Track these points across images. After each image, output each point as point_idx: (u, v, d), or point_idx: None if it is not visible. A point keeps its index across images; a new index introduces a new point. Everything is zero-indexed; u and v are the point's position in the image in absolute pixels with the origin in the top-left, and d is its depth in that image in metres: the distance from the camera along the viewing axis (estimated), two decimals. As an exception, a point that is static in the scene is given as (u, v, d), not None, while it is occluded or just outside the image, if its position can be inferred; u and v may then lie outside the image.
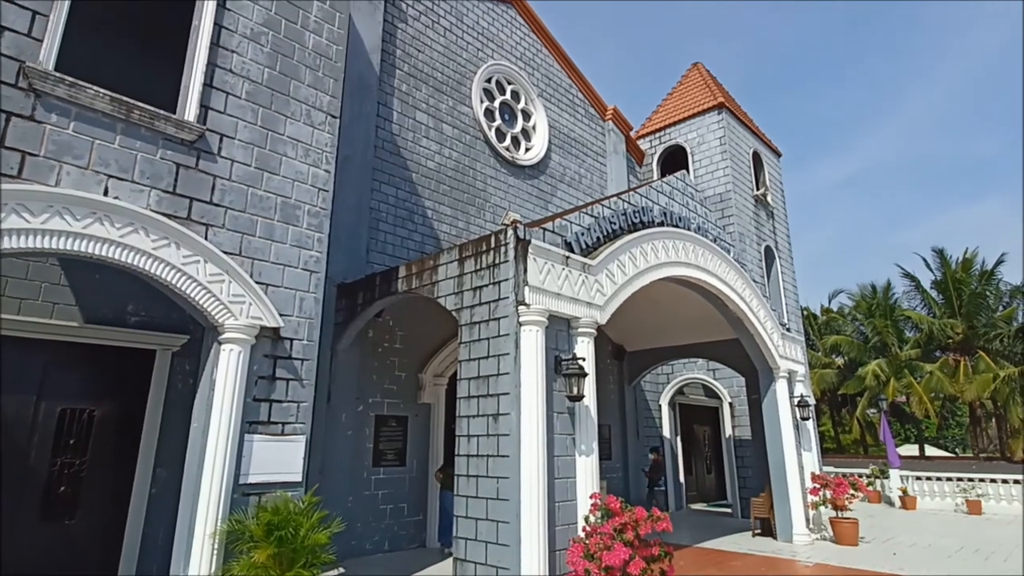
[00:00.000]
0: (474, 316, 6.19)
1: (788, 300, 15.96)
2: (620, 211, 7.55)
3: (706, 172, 15.46)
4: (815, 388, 25.62)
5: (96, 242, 4.36)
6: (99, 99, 4.54)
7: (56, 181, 4.31)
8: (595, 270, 6.70)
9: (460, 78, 11.25)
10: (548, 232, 6.44)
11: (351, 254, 8.50)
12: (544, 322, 5.88)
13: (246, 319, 5.03)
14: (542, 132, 12.79)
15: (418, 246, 9.61)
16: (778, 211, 17.03)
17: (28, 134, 4.24)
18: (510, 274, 5.92)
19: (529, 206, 11.94)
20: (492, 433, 5.71)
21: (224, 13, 5.52)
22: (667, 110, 17.12)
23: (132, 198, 4.65)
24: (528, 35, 13.17)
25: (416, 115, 10.22)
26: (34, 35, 4.37)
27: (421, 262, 7.15)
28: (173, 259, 4.72)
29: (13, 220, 4.02)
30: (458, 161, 10.77)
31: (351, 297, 8.03)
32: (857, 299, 29.27)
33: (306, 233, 5.74)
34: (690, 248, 8.35)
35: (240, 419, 4.90)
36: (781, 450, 9.48)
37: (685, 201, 8.91)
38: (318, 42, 6.24)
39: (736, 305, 9.12)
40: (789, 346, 10.26)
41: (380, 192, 9.30)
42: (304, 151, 5.88)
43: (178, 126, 4.97)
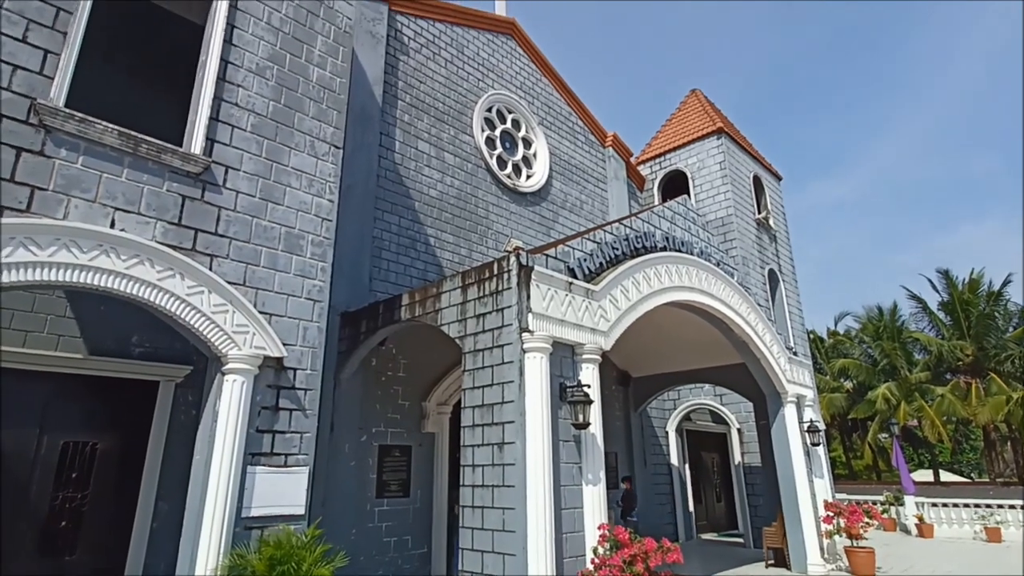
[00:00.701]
0: (477, 343, 6.17)
1: (794, 323, 15.87)
2: (622, 236, 7.57)
3: (707, 196, 15.54)
4: (824, 413, 25.29)
5: (102, 274, 4.39)
6: (107, 134, 4.62)
7: (64, 214, 4.36)
8: (598, 296, 6.69)
9: (461, 107, 11.43)
10: (551, 258, 6.46)
11: (354, 283, 8.52)
12: (548, 349, 5.85)
13: (249, 349, 5.02)
14: (543, 159, 12.93)
15: (421, 274, 9.63)
16: (780, 234, 17.06)
17: (38, 169, 4.31)
18: (513, 301, 5.92)
19: (531, 233, 12.00)
20: (497, 462, 5.63)
21: (231, 49, 5.65)
22: (666, 136, 17.31)
23: (138, 230, 4.70)
24: (527, 65, 13.42)
25: (418, 144, 10.36)
26: (45, 73, 4.47)
27: (424, 290, 7.16)
28: (178, 290, 4.74)
29: (21, 253, 4.06)
30: (460, 189, 10.87)
31: (354, 326, 8.03)
32: (864, 321, 29.10)
33: (309, 262, 5.77)
34: (693, 272, 8.34)
35: (243, 451, 4.85)
36: (792, 477, 9.31)
37: (687, 226, 8.94)
38: (322, 75, 6.36)
39: (741, 329, 9.07)
40: (797, 370, 10.16)
41: (383, 221, 9.37)
42: (308, 181, 5.95)
43: (184, 159, 5.04)
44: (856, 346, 29.11)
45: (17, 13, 4.42)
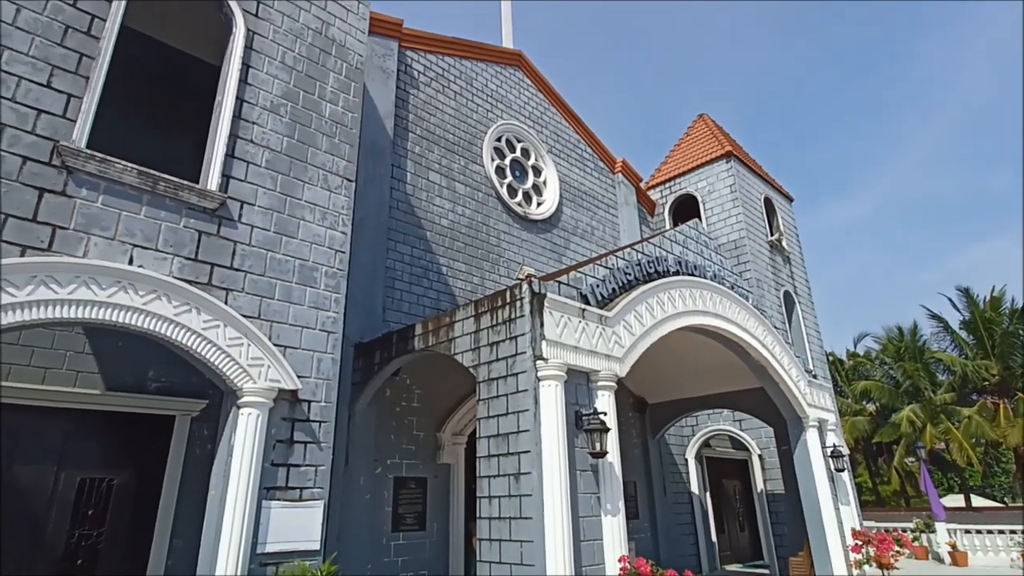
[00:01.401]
0: (492, 372, 6.13)
1: (812, 346, 15.63)
2: (634, 262, 7.55)
3: (718, 220, 15.51)
4: (848, 437, 24.70)
5: (120, 310, 4.45)
6: (127, 173, 4.73)
7: (84, 252, 4.44)
8: (612, 322, 6.64)
9: (471, 138, 11.60)
10: (563, 285, 6.44)
11: (367, 313, 8.56)
12: (563, 376, 5.79)
13: (264, 382, 5.03)
14: (553, 187, 13.02)
15: (434, 303, 9.65)
16: (794, 256, 16.93)
17: (59, 209, 4.41)
18: (527, 328, 5.89)
19: (543, 260, 12.02)
20: (514, 494, 5.53)
21: (246, 88, 5.80)
22: (675, 160, 17.39)
23: (156, 266, 4.77)
24: (535, 95, 13.62)
25: (429, 175, 10.49)
26: (68, 116, 4.61)
27: (437, 319, 7.16)
28: (194, 324, 4.78)
29: (42, 291, 4.13)
30: (471, 218, 10.95)
31: (368, 356, 8.03)
32: (884, 342, 28.56)
33: (323, 294, 5.81)
34: (707, 296, 8.28)
35: (258, 485, 4.82)
36: (817, 505, 9.05)
37: (699, 249, 8.91)
38: (334, 111, 6.50)
39: (758, 352, 8.94)
40: (817, 393, 9.96)
41: (395, 251, 9.44)
42: (321, 214, 6.03)
43: (201, 195, 5.14)
44: (877, 367, 28.53)
45: (43, 60, 4.59)
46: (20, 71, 4.46)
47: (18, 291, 4.04)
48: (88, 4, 4.95)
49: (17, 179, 4.27)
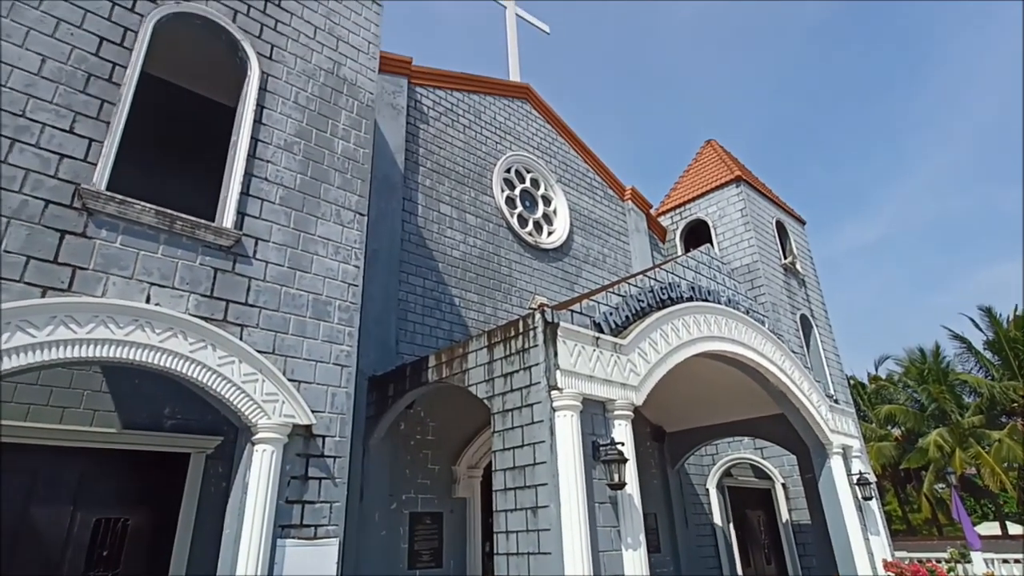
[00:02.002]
0: (506, 403, 6.07)
1: (832, 370, 15.34)
2: (647, 288, 7.51)
3: (730, 244, 15.45)
4: (874, 463, 24.02)
5: (137, 348, 4.49)
6: (145, 213, 4.83)
7: (103, 292, 4.51)
8: (627, 350, 6.58)
9: (481, 170, 11.74)
10: (576, 313, 6.42)
11: (381, 346, 8.56)
12: (578, 406, 5.72)
13: (279, 418, 5.01)
14: (563, 216, 13.09)
15: (447, 334, 9.64)
16: (809, 278, 16.77)
17: (79, 250, 4.50)
18: (540, 358, 5.85)
19: (555, 288, 12.00)
20: (532, 528, 5.41)
21: (260, 128, 5.94)
22: (685, 186, 17.44)
23: (172, 303, 4.82)
24: (543, 126, 13.82)
25: (440, 207, 10.61)
26: (89, 159, 4.74)
27: (450, 350, 7.14)
28: (209, 361, 4.80)
29: (62, 331, 4.19)
30: (482, 249, 11.01)
31: (382, 390, 8.00)
32: (906, 364, 27.98)
33: (337, 328, 5.82)
34: (722, 322, 8.19)
35: (272, 523, 4.76)
36: (846, 535, 8.74)
37: (712, 275, 8.86)
38: (346, 147, 6.62)
39: (777, 378, 8.78)
40: (839, 419, 9.73)
41: (407, 283, 9.49)
42: (334, 249, 6.09)
43: (217, 233, 5.22)
44: (901, 391, 27.89)
45: (66, 107, 4.75)
46: (44, 118, 4.62)
47: (38, 331, 4.09)
48: (110, 52, 5.13)
49: (39, 222, 4.38)
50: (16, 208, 4.30)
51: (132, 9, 5.39)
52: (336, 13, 7.14)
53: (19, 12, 4.73)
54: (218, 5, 6.04)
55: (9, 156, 4.37)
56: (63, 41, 4.89)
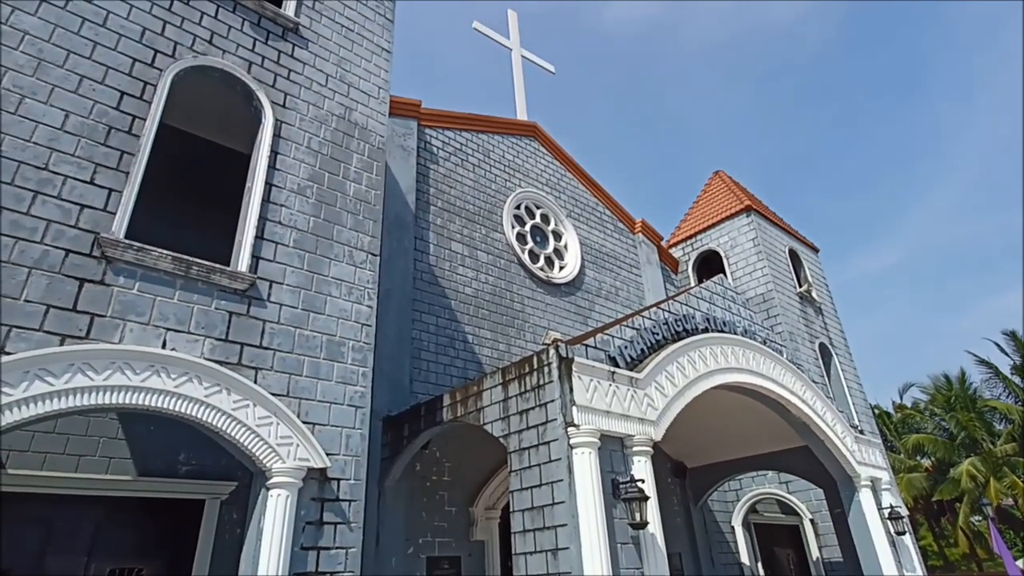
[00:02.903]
0: (522, 442, 5.97)
1: (855, 399, 14.98)
2: (661, 321, 7.44)
3: (744, 274, 15.35)
4: (905, 496, 23.18)
5: (153, 394, 4.49)
6: (162, 259, 4.91)
7: (120, 338, 4.55)
8: (643, 383, 6.48)
9: (491, 207, 11.86)
10: (590, 348, 6.35)
11: (395, 386, 8.51)
12: (596, 443, 5.61)
13: (294, 461, 4.96)
14: (574, 250, 13.12)
15: (461, 372, 9.58)
16: (826, 306, 16.55)
17: (98, 297, 4.57)
18: (556, 394, 5.77)
19: (568, 323, 11.94)
20: (552, 572, 5.24)
21: (274, 173, 6.07)
22: (695, 218, 17.47)
23: (188, 348, 4.85)
24: (552, 162, 13.99)
25: (451, 245, 10.69)
26: (109, 209, 4.85)
27: (465, 389, 7.08)
28: (224, 405, 4.79)
29: (79, 379, 4.21)
30: (495, 285, 11.03)
31: (397, 430, 7.92)
32: (932, 392, 27.25)
33: (351, 368, 5.81)
34: (739, 352, 8.06)
35: (288, 572, 4.66)
36: (880, 573, 8.37)
37: (727, 305, 8.77)
38: (358, 189, 6.73)
39: (798, 409, 8.58)
40: (866, 450, 9.44)
41: (420, 322, 9.49)
42: (348, 289, 6.13)
43: (232, 277, 5.28)
44: (928, 419, 27.09)
45: (87, 159, 4.89)
46: (66, 170, 4.75)
47: (56, 379, 4.12)
48: (130, 106, 5.31)
49: (60, 271, 4.46)
50: (37, 258, 4.39)
51: (152, 64, 5.60)
52: (347, 61, 7.37)
53: (45, 71, 4.93)
54: (234, 58, 6.26)
55: (32, 208, 4.49)
56: (86, 97, 5.07)
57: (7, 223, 4.34)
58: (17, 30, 4.88)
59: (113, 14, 5.50)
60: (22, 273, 4.29)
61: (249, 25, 6.54)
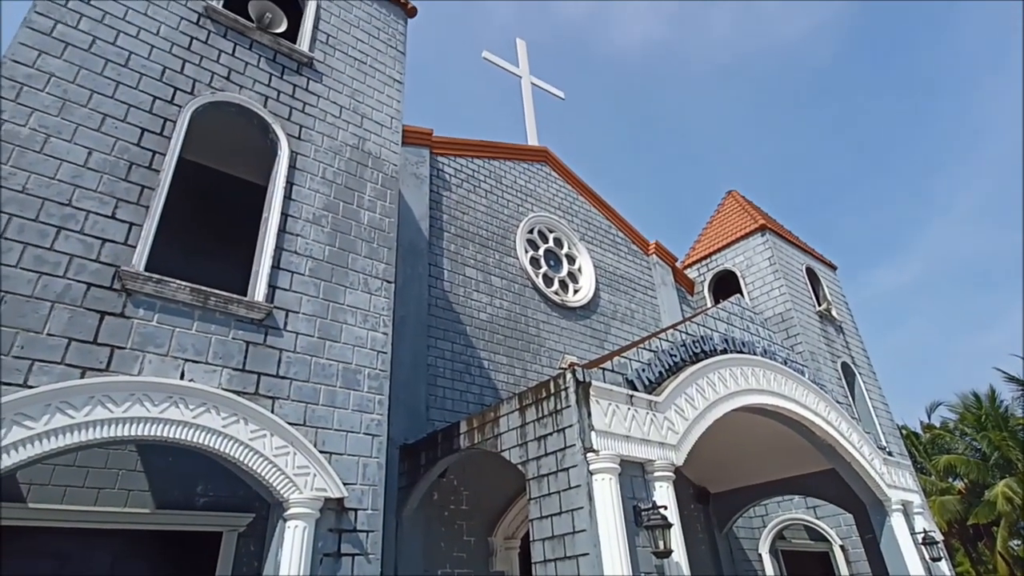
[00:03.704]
0: (541, 468, 5.87)
1: (881, 420, 14.60)
2: (679, 343, 7.35)
3: (761, 294, 15.18)
4: (938, 520, 22.39)
5: (172, 425, 4.50)
6: (181, 291, 4.97)
7: (139, 370, 4.59)
8: (662, 407, 6.37)
9: (504, 232, 11.91)
10: (608, 371, 6.28)
11: (411, 413, 8.46)
12: (616, 468, 5.49)
13: (311, 492, 4.92)
14: (588, 273, 13.09)
15: (477, 399, 9.51)
16: (847, 324, 16.27)
17: (118, 330, 4.62)
18: (574, 419, 5.69)
19: (584, 347, 11.85)
20: (574, 603, 5.10)
21: (290, 203, 6.16)
22: (709, 238, 17.38)
23: (205, 379, 4.87)
24: (563, 187, 14.06)
25: (465, 271, 10.71)
26: (129, 242, 4.94)
27: (482, 415, 7.01)
28: (241, 435, 4.78)
29: (99, 411, 4.24)
30: (509, 310, 11.01)
31: (413, 458, 7.84)
32: (960, 411, 26.47)
33: (367, 396, 5.79)
34: (760, 373, 7.91)
35: (303, 605, 4.58)
36: (917, 601, 8.03)
37: (745, 325, 8.65)
38: (372, 218, 6.80)
39: (823, 430, 8.37)
40: (895, 472, 9.15)
41: (436, 348, 9.47)
42: (363, 317, 6.14)
43: (249, 307, 5.32)
44: (958, 439, 26.28)
45: (109, 194, 5.00)
46: (88, 206, 4.86)
47: (77, 412, 4.15)
48: (150, 142, 5.45)
49: (81, 305, 4.52)
50: (60, 292, 4.47)
51: (171, 101, 5.76)
52: (360, 93, 7.52)
53: (69, 110, 5.08)
54: (250, 93, 6.42)
55: (55, 243, 4.59)
56: (108, 134, 5.22)
57: (31, 258, 4.44)
58: (43, 72, 5.06)
59: (135, 54, 5.68)
60: (45, 307, 4.36)
61: (265, 61, 6.72)
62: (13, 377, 4.07)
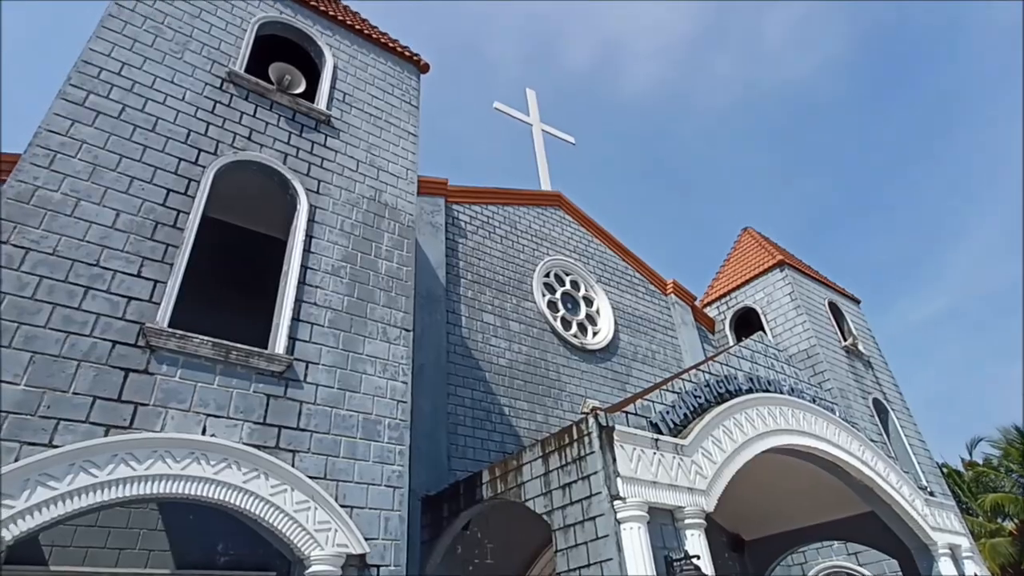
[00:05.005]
0: (567, 518, 5.69)
1: (919, 458, 14.02)
2: (702, 383, 7.20)
3: (784, 330, 14.92)
4: (990, 564, 21.12)
5: (193, 482, 4.47)
6: (203, 346, 5.02)
7: (161, 426, 4.60)
8: (689, 450, 6.19)
9: (520, 277, 11.95)
10: (631, 415, 6.15)
11: (432, 463, 8.32)
12: (645, 516, 5.30)
13: (332, 548, 4.81)
14: (607, 315, 13.01)
15: (499, 447, 9.35)
16: (875, 359, 15.85)
17: (142, 387, 4.66)
18: (598, 466, 5.54)
19: (606, 390, 11.66)
20: (607, 663, 4.84)
21: (309, 256, 6.27)
22: (727, 276, 17.26)
23: (227, 433, 4.86)
24: (578, 230, 14.15)
25: (483, 317, 10.71)
26: (154, 299, 5.04)
27: (504, 464, 6.87)
28: (262, 491, 4.73)
29: (122, 469, 4.24)
30: (528, 355, 10.93)
31: (436, 511, 7.67)
32: (1003, 446, 25.33)
33: (387, 447, 5.72)
34: (788, 413, 7.69)
35: (325, 669, 4.41)
36: (975, 654, 7.50)
37: (769, 363, 8.47)
38: (390, 267, 6.88)
39: (859, 471, 8.04)
40: (939, 514, 8.71)
41: (456, 396, 9.39)
42: (382, 366, 6.14)
43: (269, 360, 5.35)
44: (1004, 476, 25.06)
45: (135, 254, 5.14)
46: (116, 265, 4.99)
47: (100, 471, 4.15)
48: (175, 201, 5.63)
49: (107, 362, 4.59)
50: (86, 351, 4.54)
51: (196, 162, 5.98)
52: (376, 147, 7.74)
53: (99, 175, 5.29)
54: (271, 151, 6.64)
55: (83, 303, 4.70)
56: (135, 196, 5.41)
57: (60, 319, 4.54)
58: (76, 140, 5.30)
59: (162, 119, 5.94)
60: (71, 366, 4.43)
61: (285, 120, 6.98)
62: (39, 437, 4.10)
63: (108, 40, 5.95)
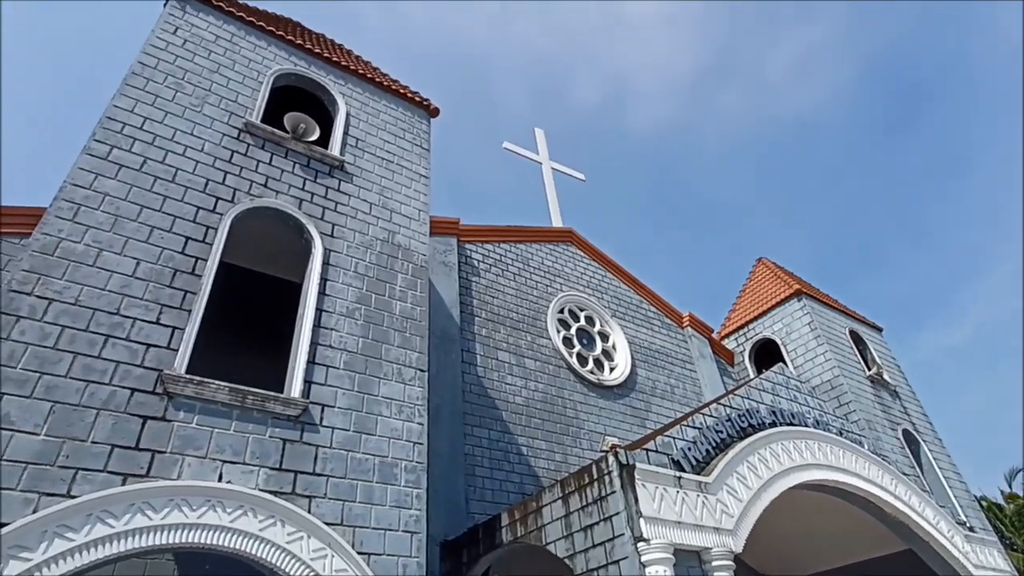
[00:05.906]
0: (590, 562, 5.51)
1: (955, 491, 13.47)
2: (724, 417, 7.04)
3: (805, 361, 14.63)
4: (1038, 602, 19.97)
5: (209, 531, 4.42)
6: (220, 391, 5.03)
7: (178, 474, 4.57)
8: (713, 488, 6.01)
9: (535, 314, 11.92)
10: (651, 452, 6.01)
11: (450, 506, 8.15)
12: (671, 559, 5.12)
13: (348, 597, 4.69)
14: (623, 350, 12.87)
15: (517, 487, 9.15)
16: (902, 388, 15.43)
17: (159, 434, 4.66)
18: (620, 506, 5.39)
19: (625, 427, 11.44)
20: None
21: (324, 298, 6.31)
22: (744, 307, 17.07)
23: (243, 480, 4.82)
24: (591, 265, 14.16)
25: (498, 355, 10.65)
26: (172, 346, 5.09)
27: (524, 506, 6.71)
28: (278, 539, 4.66)
29: (139, 519, 4.21)
30: (545, 392, 10.80)
31: (455, 557, 7.47)
32: (1042, 476, 24.29)
33: (404, 491, 5.62)
34: (815, 447, 7.47)
35: None
36: None
37: (792, 395, 8.28)
38: (404, 307, 6.90)
39: (892, 507, 7.73)
40: (981, 550, 8.32)
41: (472, 436, 9.27)
42: (398, 408, 6.09)
43: (285, 404, 5.34)
44: (1046, 508, 23.94)
45: (154, 301, 5.22)
46: (135, 313, 5.07)
47: (117, 521, 4.12)
48: (193, 249, 5.74)
49: (125, 410, 4.61)
50: (105, 399, 4.57)
51: (214, 210, 6.11)
52: (389, 190, 7.88)
53: (121, 225, 5.43)
54: (286, 197, 6.79)
55: (103, 351, 4.75)
56: (155, 245, 5.52)
57: (80, 368, 4.59)
58: (99, 193, 5.46)
59: (181, 170, 6.12)
60: (90, 415, 4.45)
61: (299, 167, 7.15)
62: (57, 488, 4.10)
63: (131, 96, 6.19)
